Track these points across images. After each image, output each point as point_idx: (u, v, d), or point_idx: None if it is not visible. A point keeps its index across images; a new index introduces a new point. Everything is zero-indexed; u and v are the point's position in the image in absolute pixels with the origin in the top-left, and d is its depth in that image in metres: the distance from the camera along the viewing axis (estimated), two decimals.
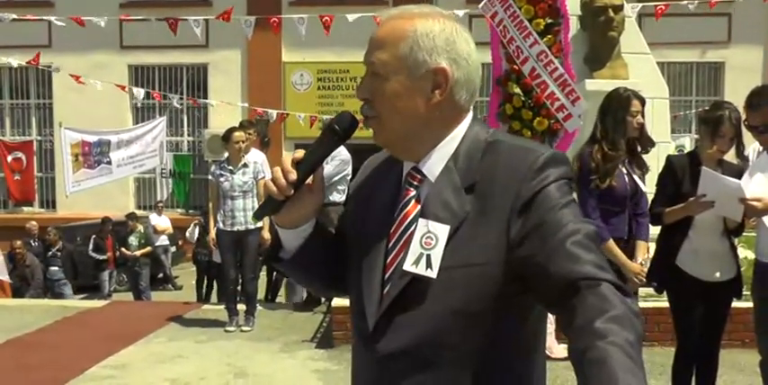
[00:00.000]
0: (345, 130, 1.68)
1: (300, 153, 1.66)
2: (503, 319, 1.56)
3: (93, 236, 14.91)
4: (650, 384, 5.78)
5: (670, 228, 4.70)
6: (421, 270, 1.56)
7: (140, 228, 14.55)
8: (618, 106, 4.85)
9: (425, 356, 1.57)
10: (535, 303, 1.57)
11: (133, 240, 14.29)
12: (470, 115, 1.69)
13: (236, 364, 6.73)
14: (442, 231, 1.57)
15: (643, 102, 4.93)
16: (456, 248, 1.56)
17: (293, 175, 1.63)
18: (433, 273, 1.55)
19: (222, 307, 8.63)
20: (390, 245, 1.65)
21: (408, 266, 1.57)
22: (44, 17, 12.53)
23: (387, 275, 1.64)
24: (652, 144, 4.97)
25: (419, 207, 1.63)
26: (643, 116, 4.90)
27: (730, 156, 4.80)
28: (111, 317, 9.18)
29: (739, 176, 4.43)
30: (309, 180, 1.67)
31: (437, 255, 1.56)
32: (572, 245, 1.46)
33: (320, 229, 1.77)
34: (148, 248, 14.38)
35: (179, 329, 8.24)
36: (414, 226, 1.61)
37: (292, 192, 1.64)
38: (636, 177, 4.84)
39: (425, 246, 1.58)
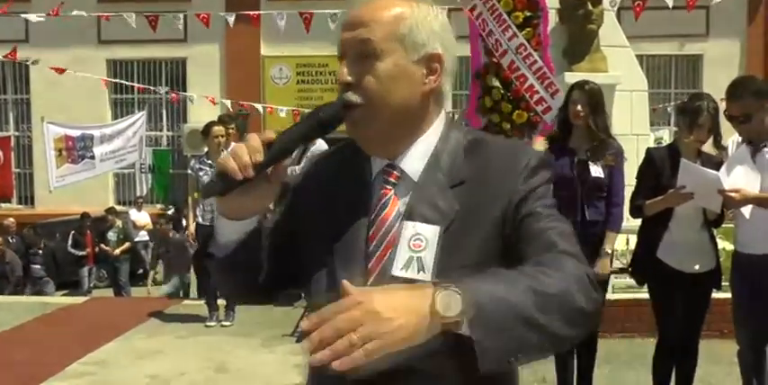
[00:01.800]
0: (330, 120, 1.49)
1: (272, 134, 1.46)
2: None
3: (72, 232, 14.81)
4: (630, 375, 5.85)
5: (650, 220, 4.73)
6: (412, 274, 1.46)
7: (119, 223, 14.48)
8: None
9: (421, 372, 1.40)
10: None
11: (112, 236, 14.23)
12: (443, 112, 1.61)
13: (217, 359, 6.71)
14: (431, 233, 1.48)
15: (585, 91, 5.02)
16: (448, 249, 1.47)
17: (259, 156, 1.43)
18: (427, 277, 1.45)
19: (202, 302, 8.61)
20: (371, 248, 1.52)
21: (398, 271, 1.47)
22: (21, 14, 12.41)
23: (369, 281, 1.48)
24: (605, 134, 5.04)
25: (398, 207, 1.53)
26: (585, 105, 4.98)
27: (708, 147, 4.83)
28: (90, 313, 9.13)
29: (718, 168, 4.46)
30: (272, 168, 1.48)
31: (429, 258, 1.47)
32: (555, 235, 1.47)
33: (261, 228, 1.58)
34: (127, 244, 14.31)
35: (159, 325, 8.21)
36: (395, 227, 1.51)
37: (252, 174, 1.43)
38: (593, 166, 4.92)
39: (414, 249, 1.48)
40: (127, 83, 16.15)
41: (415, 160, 1.55)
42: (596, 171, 4.92)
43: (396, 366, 1.32)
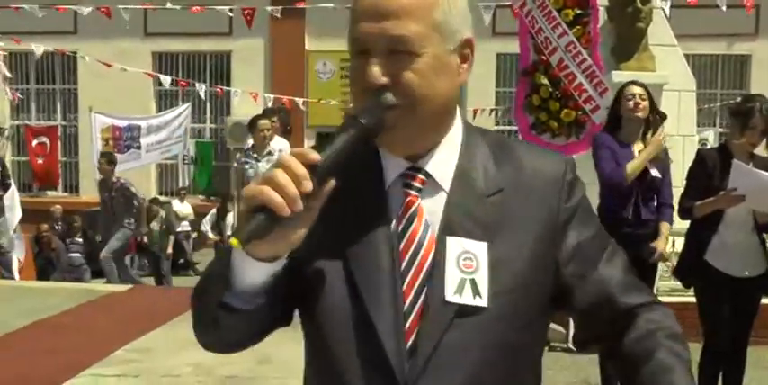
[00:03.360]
0: (375, 127, 1.27)
1: (315, 154, 1.19)
2: (537, 346, 1.43)
3: None
4: None
5: (699, 222, 4.70)
6: (468, 299, 1.29)
7: (162, 214, 14.66)
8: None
9: None
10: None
11: (155, 226, 14.38)
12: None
13: (261, 351, 6.69)
14: (481, 250, 1.32)
15: (641, 86, 5.09)
16: (496, 269, 1.31)
17: (309, 184, 1.17)
18: (483, 302, 1.29)
19: None
20: (402, 267, 1.32)
21: (451, 296, 1.29)
22: (71, 7, 12.63)
23: (412, 307, 1.30)
24: (662, 119, 5.10)
25: (425, 217, 1.34)
26: (646, 99, 5.03)
27: (761, 149, 4.79)
28: (134, 301, 9.26)
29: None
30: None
31: (483, 280, 1.30)
32: (622, 271, 1.43)
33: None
34: (171, 237, 14.49)
35: None
36: (425, 241, 1.33)
37: (302, 207, 1.17)
38: (650, 165, 4.95)
39: (466, 270, 1.30)
40: (170, 77, 16.31)
41: (440, 162, 1.37)
42: (654, 171, 4.91)
43: (473, 382, 1.29)
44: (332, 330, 1.33)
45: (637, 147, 5.02)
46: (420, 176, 1.36)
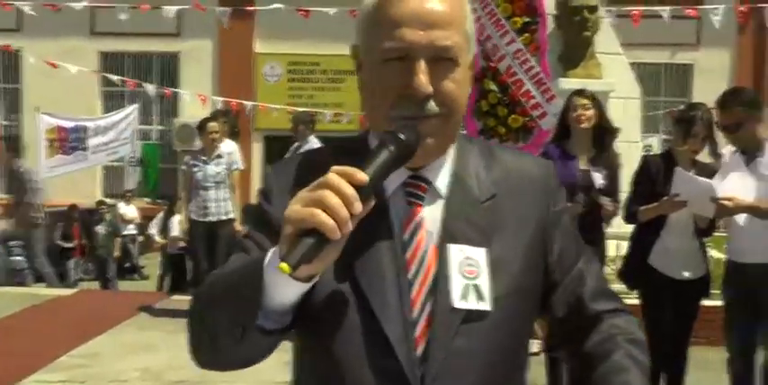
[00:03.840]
0: (414, 141, 1.26)
1: (360, 173, 1.15)
2: (526, 349, 1.46)
3: (61, 224, 14.76)
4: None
5: (643, 227, 4.82)
6: (473, 304, 1.32)
7: (108, 216, 14.47)
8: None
9: None
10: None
11: (101, 229, 14.19)
12: None
13: None
14: (481, 256, 1.34)
15: (587, 97, 5.16)
16: (495, 273, 1.34)
17: (360, 206, 1.14)
18: (486, 306, 1.32)
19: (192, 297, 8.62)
20: (409, 276, 1.33)
21: (458, 302, 1.31)
22: (15, 3, 12.40)
23: (419, 314, 1.32)
24: (612, 134, 5.18)
25: (426, 225, 1.36)
26: (591, 109, 5.11)
27: (704, 156, 4.93)
28: (80, 305, 9.13)
29: (712, 176, 4.55)
30: None
31: (485, 285, 1.33)
32: (595, 278, 1.50)
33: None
34: (118, 239, 14.28)
35: (149, 319, 8.22)
36: (429, 249, 1.34)
37: (351, 229, 1.15)
38: (595, 173, 5.04)
39: (469, 276, 1.32)
40: (118, 77, 16.08)
41: (438, 170, 1.39)
42: (600, 180, 5.01)
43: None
44: (342, 342, 1.32)
45: (584, 156, 5.10)
46: (423, 185, 1.37)
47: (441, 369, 1.29)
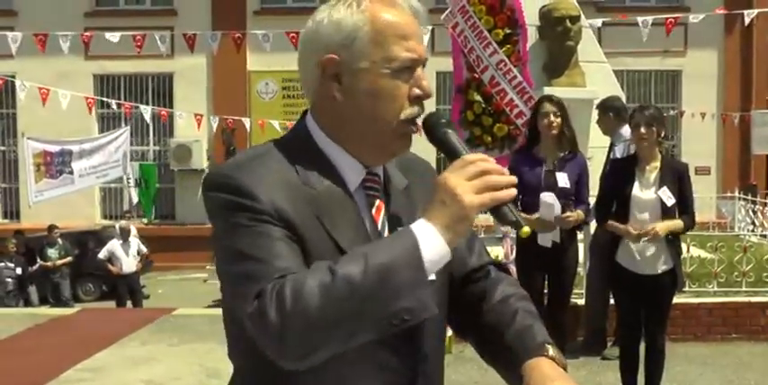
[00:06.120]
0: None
1: (488, 158, 1.40)
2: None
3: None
4: (608, 376, 6.07)
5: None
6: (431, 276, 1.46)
7: (60, 240, 14.58)
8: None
9: (440, 351, 1.60)
10: None
11: (53, 253, 14.32)
12: None
13: (209, 366, 6.88)
14: None
15: (555, 103, 5.34)
16: None
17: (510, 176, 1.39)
18: (433, 276, 1.40)
19: (193, 312, 8.78)
20: None
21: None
22: (6, 32, 12.62)
23: None
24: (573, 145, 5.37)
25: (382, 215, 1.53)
26: (559, 116, 5.28)
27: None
28: (82, 323, 9.26)
29: (679, 171, 4.80)
30: None
31: None
32: (478, 254, 1.68)
33: None
34: (69, 258, 14.44)
35: (151, 334, 8.36)
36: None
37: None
38: (560, 175, 5.25)
39: None
40: (112, 100, 16.25)
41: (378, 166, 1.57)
42: (564, 181, 5.21)
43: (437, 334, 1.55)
44: None
45: (550, 159, 5.30)
46: (377, 179, 1.53)
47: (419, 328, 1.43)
